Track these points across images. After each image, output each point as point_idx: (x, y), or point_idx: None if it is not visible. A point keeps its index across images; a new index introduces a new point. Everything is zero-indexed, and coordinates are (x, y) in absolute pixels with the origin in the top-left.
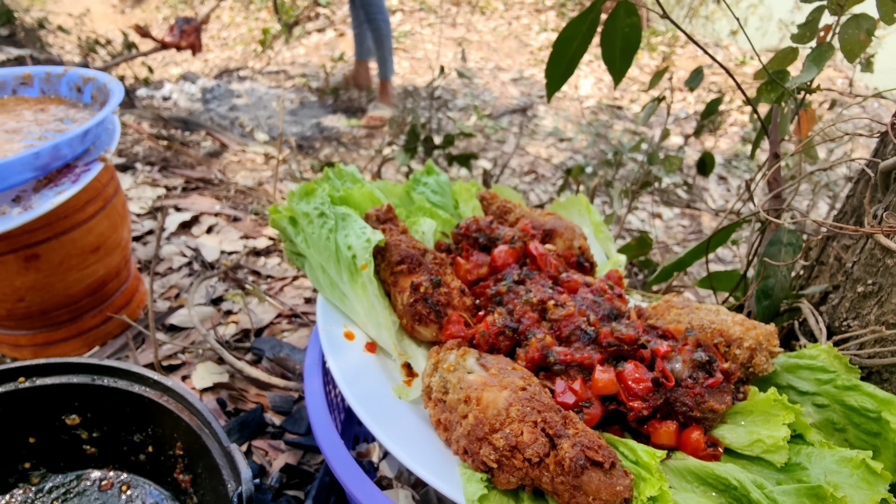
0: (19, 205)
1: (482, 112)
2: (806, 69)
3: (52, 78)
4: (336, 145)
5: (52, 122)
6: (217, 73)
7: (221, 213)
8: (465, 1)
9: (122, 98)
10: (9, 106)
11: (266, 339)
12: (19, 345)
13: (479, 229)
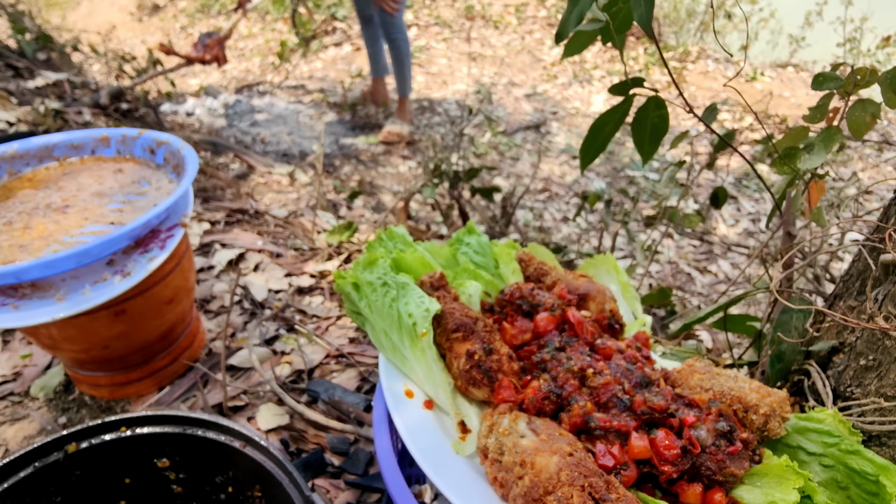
0: (117, 271)
1: (496, 129)
2: (816, 153)
3: (128, 140)
4: (355, 163)
5: (131, 184)
6: (238, 88)
7: (264, 250)
8: (479, 15)
9: (156, 119)
10: (90, 166)
11: (320, 382)
12: (99, 384)
13: (522, 296)
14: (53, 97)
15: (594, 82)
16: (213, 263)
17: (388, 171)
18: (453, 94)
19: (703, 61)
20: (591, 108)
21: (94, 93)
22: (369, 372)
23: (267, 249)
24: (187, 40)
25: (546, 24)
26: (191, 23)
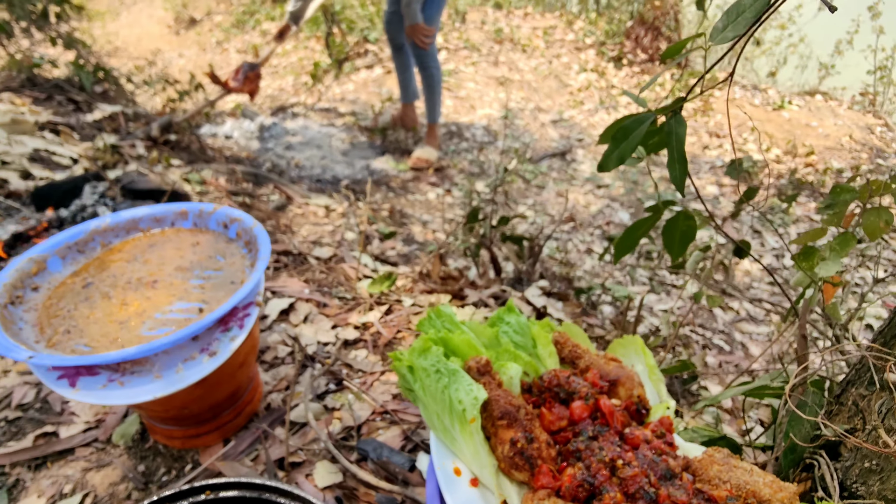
0: (203, 349)
1: (523, 156)
2: (832, 259)
3: (204, 214)
4: (385, 190)
5: (208, 258)
6: (273, 110)
7: (311, 299)
8: (508, 39)
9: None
10: (170, 237)
11: (369, 441)
12: (172, 436)
13: (559, 384)
14: (110, 130)
15: (620, 108)
16: (267, 313)
17: (417, 198)
18: (481, 118)
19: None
20: None
21: (147, 125)
22: (412, 430)
23: (314, 299)
24: (223, 55)
25: (573, 47)
26: (226, 38)
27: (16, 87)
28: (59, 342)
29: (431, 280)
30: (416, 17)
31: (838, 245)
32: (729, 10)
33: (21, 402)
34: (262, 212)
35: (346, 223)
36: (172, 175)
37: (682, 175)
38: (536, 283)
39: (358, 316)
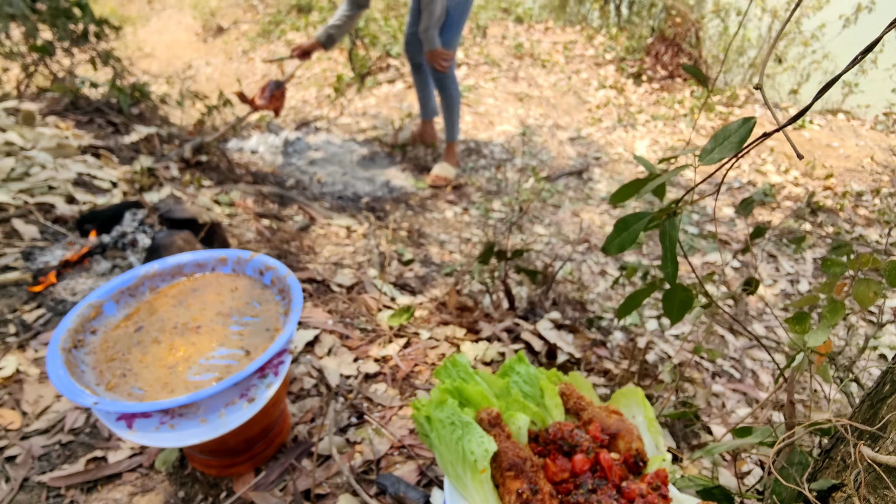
0: (242, 394)
1: (539, 174)
2: (821, 329)
3: (242, 261)
4: (405, 208)
5: (245, 304)
6: (297, 125)
7: (335, 331)
8: (528, 53)
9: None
10: (210, 281)
11: (387, 476)
12: (209, 465)
13: (563, 437)
14: (145, 151)
15: (638, 127)
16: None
17: (435, 216)
18: (499, 135)
19: (750, 106)
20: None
21: (180, 147)
22: (426, 466)
23: (337, 331)
24: (248, 64)
25: (593, 63)
26: (251, 47)
27: (60, 110)
28: (116, 385)
29: (448, 310)
30: (434, 43)
31: (828, 313)
32: (717, 134)
33: (73, 427)
34: (287, 233)
35: (366, 244)
36: (203, 197)
37: (674, 273)
38: (549, 314)
39: (378, 349)
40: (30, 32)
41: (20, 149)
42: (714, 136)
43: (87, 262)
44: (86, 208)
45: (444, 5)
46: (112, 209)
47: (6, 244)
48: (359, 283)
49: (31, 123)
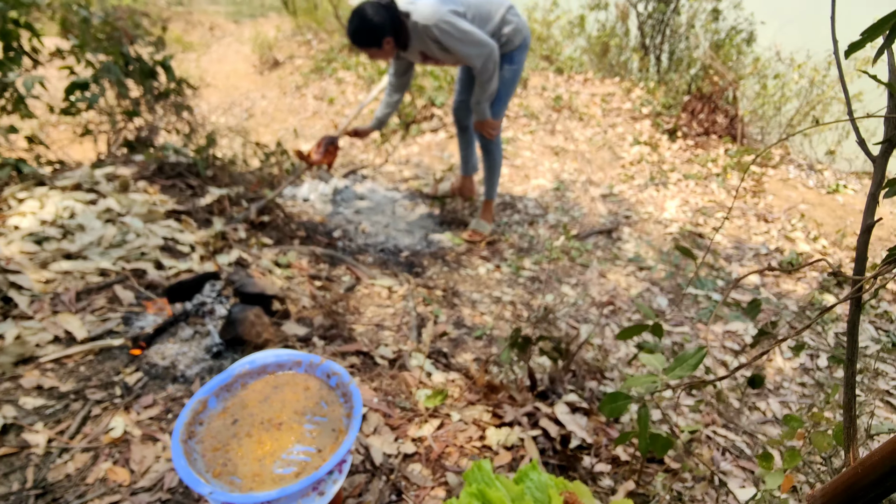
0: (314, 488)
1: (570, 232)
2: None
3: (313, 365)
4: (441, 264)
5: (315, 405)
6: (345, 172)
7: (379, 409)
8: (566, 106)
9: None
10: (287, 380)
11: None
12: None
13: None
14: (217, 212)
15: (669, 185)
16: None
17: (469, 272)
18: (534, 189)
19: (784, 167)
20: (663, 213)
21: (246, 209)
22: None
23: (381, 409)
24: (301, 100)
25: (630, 117)
26: (305, 83)
27: (149, 175)
28: (220, 473)
29: (476, 388)
30: (485, 115)
31: (788, 457)
32: (679, 357)
33: (170, 486)
34: (335, 293)
35: (405, 306)
36: (265, 259)
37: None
38: (566, 395)
39: (415, 429)
40: (122, 94)
41: (118, 215)
42: (677, 358)
43: (173, 328)
44: (171, 273)
45: (499, 82)
46: (194, 280)
47: (109, 309)
48: (399, 358)
49: (126, 189)
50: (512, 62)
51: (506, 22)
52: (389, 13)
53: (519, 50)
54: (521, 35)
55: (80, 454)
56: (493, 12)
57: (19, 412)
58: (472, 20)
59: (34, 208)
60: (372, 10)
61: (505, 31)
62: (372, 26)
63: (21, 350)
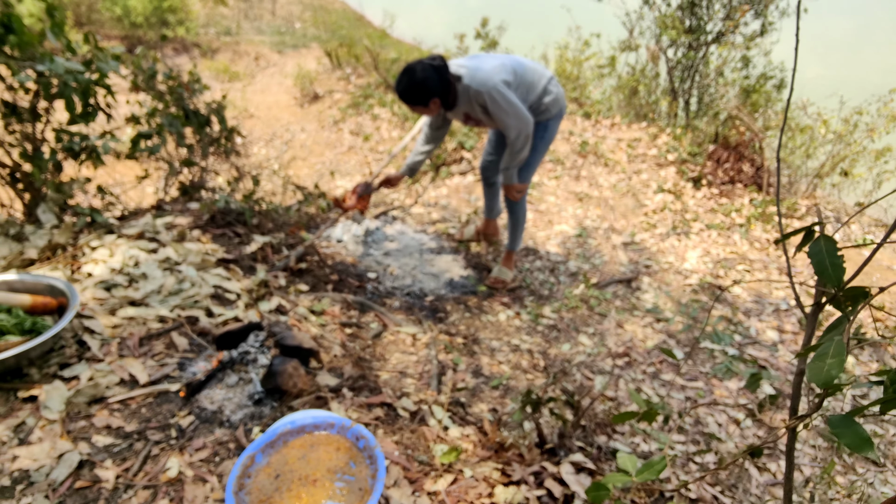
0: None
1: (590, 280)
2: None
3: (344, 427)
4: (463, 309)
5: (345, 465)
6: (377, 214)
7: (399, 462)
8: (592, 151)
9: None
10: (321, 439)
11: None
12: None
13: None
14: (260, 259)
15: (692, 235)
16: None
17: (490, 318)
18: (557, 234)
19: (811, 218)
20: (684, 264)
21: (286, 257)
22: None
23: (401, 463)
24: (337, 134)
25: (655, 163)
26: (342, 118)
27: (202, 224)
28: None
29: (489, 443)
30: (512, 180)
31: None
32: (647, 463)
33: None
34: (363, 339)
35: (427, 354)
36: (301, 307)
37: None
38: (573, 454)
39: (431, 483)
40: (180, 143)
41: (175, 263)
42: (644, 463)
43: (220, 374)
44: (220, 320)
45: (530, 150)
46: (240, 329)
47: (166, 354)
48: (420, 411)
49: (182, 239)
50: (546, 129)
51: (547, 92)
52: (439, 75)
53: (554, 119)
54: (558, 105)
55: (141, 490)
56: (537, 82)
57: (92, 449)
58: (517, 88)
59: (105, 256)
60: (422, 70)
61: (545, 100)
62: (421, 87)
63: (94, 391)
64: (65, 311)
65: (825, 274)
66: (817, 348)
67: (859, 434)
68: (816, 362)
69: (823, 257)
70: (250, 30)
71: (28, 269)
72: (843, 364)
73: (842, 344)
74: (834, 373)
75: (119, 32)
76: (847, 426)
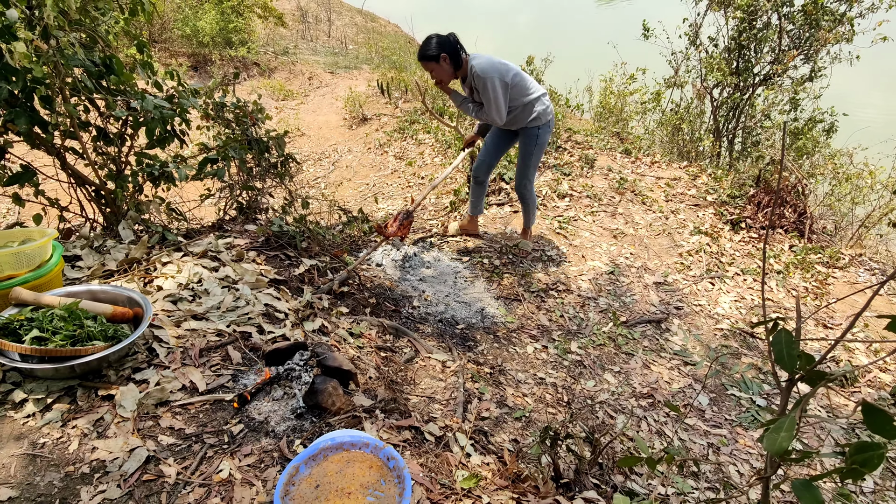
0: None
1: (619, 319)
2: None
3: (377, 448)
4: (492, 339)
5: (376, 482)
6: (415, 241)
7: (423, 483)
8: (630, 188)
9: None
10: (356, 456)
11: None
12: None
13: None
14: (307, 282)
15: (726, 280)
16: None
17: (517, 350)
18: (589, 270)
19: (854, 269)
20: (716, 308)
21: (330, 281)
22: None
23: (425, 484)
24: (382, 157)
25: (693, 203)
26: (388, 142)
27: (258, 246)
28: None
29: (507, 473)
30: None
31: None
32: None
33: None
34: (396, 364)
35: (455, 382)
36: (342, 328)
37: None
38: (587, 491)
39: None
40: (241, 169)
41: (232, 282)
42: None
43: (268, 388)
44: (269, 337)
45: (535, 151)
46: (287, 348)
47: (222, 366)
48: (445, 437)
49: (240, 259)
50: (538, 136)
51: (539, 101)
52: (449, 40)
53: (544, 127)
54: (546, 116)
55: (198, 488)
56: (534, 90)
57: (158, 447)
58: (515, 87)
59: (173, 272)
60: (436, 36)
61: (537, 107)
62: (435, 43)
63: (160, 395)
64: (139, 320)
65: (782, 361)
66: (774, 423)
67: (815, 496)
68: (772, 434)
69: (782, 347)
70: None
71: (108, 279)
72: (792, 437)
73: (793, 420)
74: (785, 444)
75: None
76: (807, 489)
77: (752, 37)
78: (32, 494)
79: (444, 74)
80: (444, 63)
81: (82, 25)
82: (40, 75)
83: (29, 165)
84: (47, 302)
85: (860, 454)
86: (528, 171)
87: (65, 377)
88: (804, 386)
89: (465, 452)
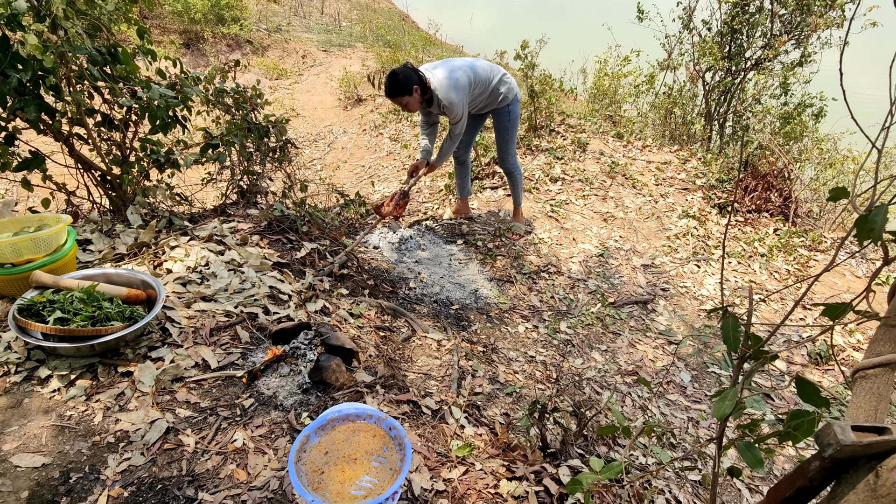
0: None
1: (607, 300)
2: None
3: (380, 419)
4: (485, 319)
5: (379, 448)
6: (411, 223)
7: (421, 452)
8: (621, 173)
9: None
10: (361, 426)
11: None
12: None
13: None
14: (309, 265)
15: (711, 262)
16: None
17: (509, 330)
18: (580, 253)
19: (833, 252)
20: (701, 290)
21: (330, 264)
22: None
23: (422, 452)
24: (377, 139)
25: (682, 188)
26: (383, 123)
27: (261, 231)
28: (316, 489)
29: (498, 442)
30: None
31: None
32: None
33: (272, 489)
34: (395, 343)
35: (450, 359)
36: (342, 309)
37: None
38: (572, 460)
39: (446, 472)
40: (242, 154)
41: (238, 265)
42: (606, 466)
43: (275, 365)
44: (275, 318)
45: (509, 125)
46: (293, 328)
47: (232, 345)
48: (440, 410)
49: (245, 243)
50: (510, 113)
51: (502, 83)
52: (414, 72)
53: (513, 103)
54: (512, 93)
55: (215, 456)
56: (491, 79)
57: (176, 419)
58: (476, 87)
59: (181, 255)
60: (402, 70)
61: (501, 89)
62: (404, 80)
63: (176, 372)
64: (153, 302)
65: (728, 342)
66: (720, 393)
67: (756, 456)
68: (719, 402)
69: (729, 330)
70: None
71: (119, 263)
72: (734, 404)
73: (735, 391)
74: (727, 410)
75: (178, 27)
76: (749, 450)
77: (745, 21)
78: (63, 461)
79: (416, 104)
80: (416, 94)
81: (87, 15)
82: (49, 66)
83: (38, 152)
84: (66, 285)
85: (794, 420)
86: (509, 147)
87: (85, 355)
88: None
89: (459, 424)
